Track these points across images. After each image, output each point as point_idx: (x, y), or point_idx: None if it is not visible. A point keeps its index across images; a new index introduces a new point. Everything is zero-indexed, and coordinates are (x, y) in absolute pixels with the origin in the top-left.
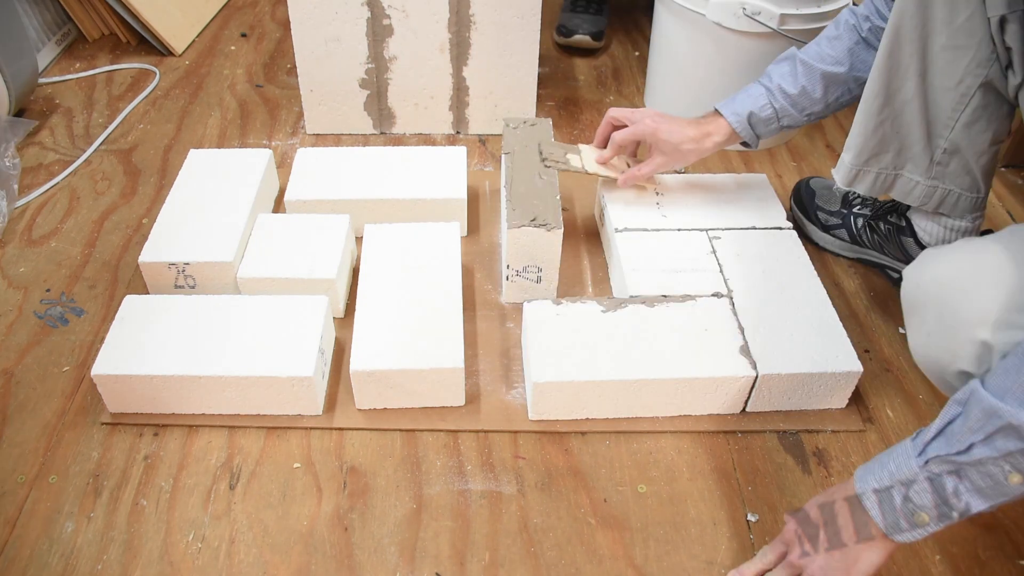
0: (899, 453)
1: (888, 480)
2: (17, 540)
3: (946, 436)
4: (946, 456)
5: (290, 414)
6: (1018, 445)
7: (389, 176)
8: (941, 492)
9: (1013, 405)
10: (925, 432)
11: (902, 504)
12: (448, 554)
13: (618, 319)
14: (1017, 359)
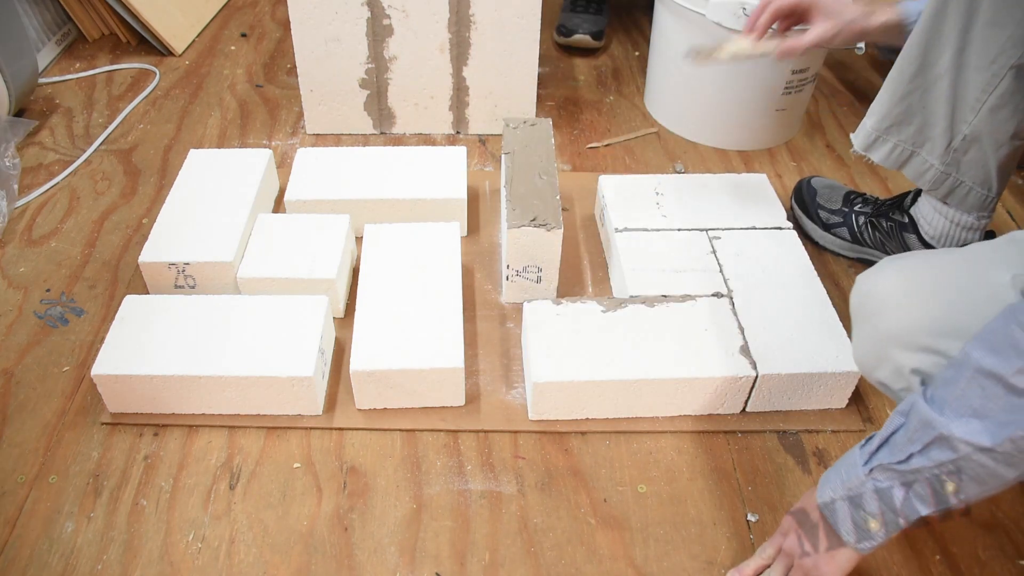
0: (849, 462)
1: (841, 489)
2: (17, 540)
3: (889, 446)
4: (889, 465)
5: (290, 414)
6: (949, 456)
7: (389, 176)
8: (887, 500)
9: (948, 416)
10: (872, 441)
11: (853, 512)
12: (448, 554)
13: (618, 319)
14: (954, 371)
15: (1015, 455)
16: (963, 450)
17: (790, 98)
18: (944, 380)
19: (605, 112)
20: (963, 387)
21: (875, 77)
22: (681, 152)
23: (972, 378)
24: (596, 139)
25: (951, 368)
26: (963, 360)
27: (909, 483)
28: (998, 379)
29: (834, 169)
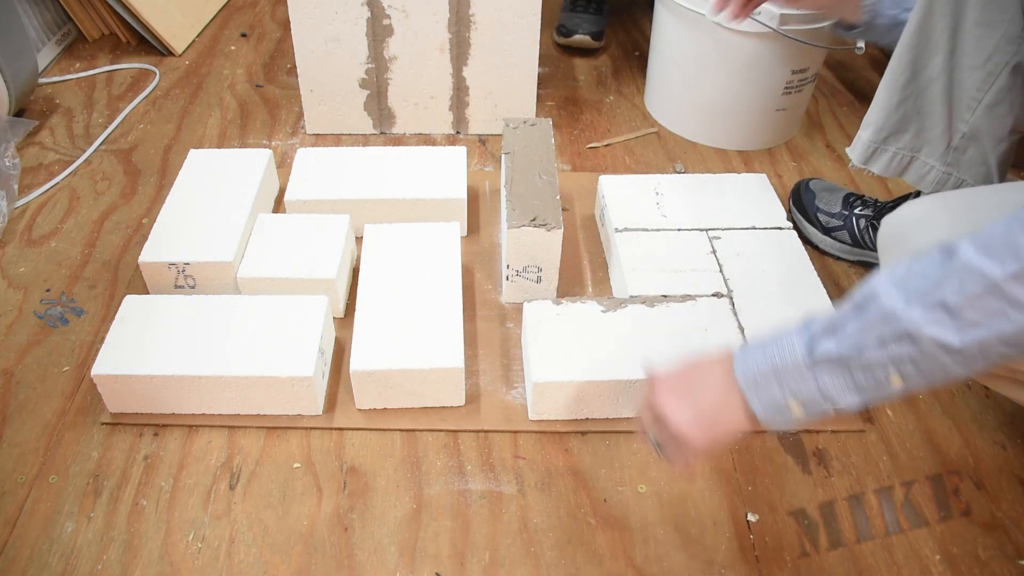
0: (784, 344)
1: (768, 369)
2: (17, 540)
3: (839, 336)
4: (836, 355)
5: (290, 414)
6: (909, 351)
7: (389, 176)
8: (824, 386)
9: (915, 309)
10: (813, 326)
11: (776, 392)
12: (448, 554)
13: (618, 319)
14: (931, 264)
15: (978, 358)
16: (927, 348)
17: (790, 98)
18: (915, 272)
19: (605, 112)
20: (940, 280)
21: (875, 77)
22: (681, 152)
23: (954, 273)
24: (596, 139)
25: (926, 260)
26: (946, 254)
27: (852, 373)
28: (985, 279)
29: (834, 169)
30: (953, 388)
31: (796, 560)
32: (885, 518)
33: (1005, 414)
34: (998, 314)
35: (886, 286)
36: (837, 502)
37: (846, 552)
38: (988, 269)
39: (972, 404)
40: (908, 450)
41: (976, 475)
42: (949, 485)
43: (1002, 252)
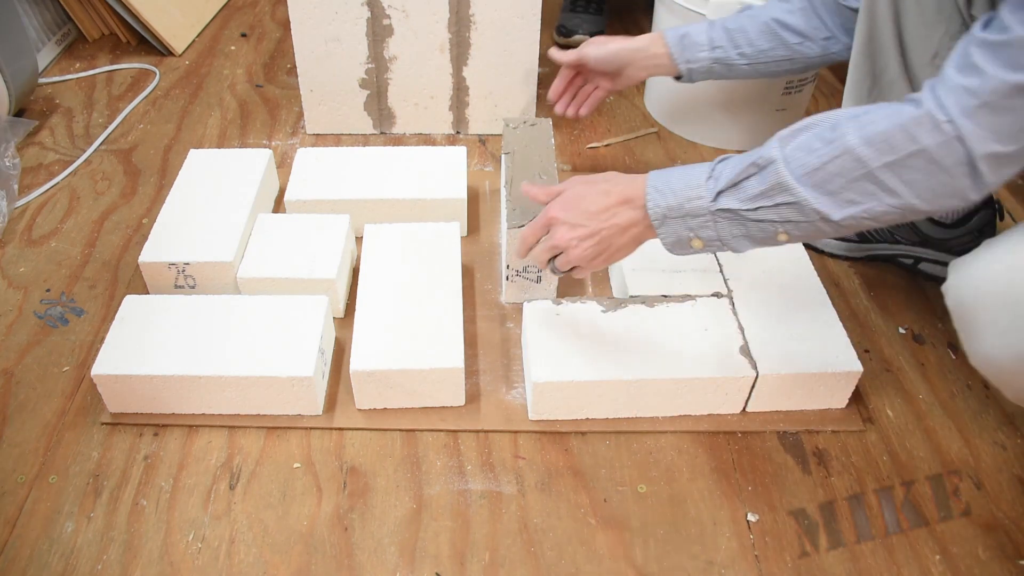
0: (692, 186)
1: (676, 208)
2: (17, 540)
3: (739, 191)
4: (736, 209)
5: (290, 414)
6: (797, 216)
7: (389, 176)
8: (722, 231)
9: (804, 185)
10: (720, 179)
11: (681, 229)
12: (448, 554)
13: (618, 319)
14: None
15: (849, 227)
16: (810, 216)
17: (790, 98)
18: (809, 148)
19: (605, 112)
20: (827, 161)
21: None
22: (681, 152)
23: (839, 158)
24: (596, 139)
25: (818, 140)
26: (835, 140)
27: (747, 226)
28: (865, 167)
29: None
30: (953, 388)
31: (796, 560)
32: (885, 518)
33: (1005, 414)
34: (871, 196)
35: (783, 158)
36: (837, 502)
37: (846, 552)
38: (868, 158)
39: (972, 404)
40: (908, 450)
41: (976, 475)
42: (949, 485)
43: (881, 146)
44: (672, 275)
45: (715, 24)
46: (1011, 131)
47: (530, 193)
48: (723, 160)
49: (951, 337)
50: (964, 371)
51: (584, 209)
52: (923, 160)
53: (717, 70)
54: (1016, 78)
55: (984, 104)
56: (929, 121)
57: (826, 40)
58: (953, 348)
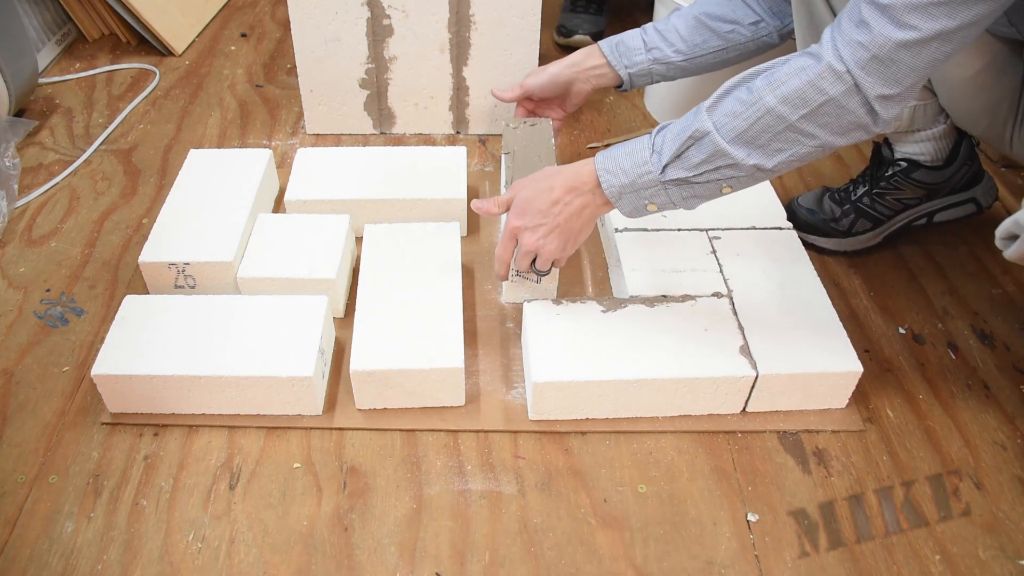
0: (638, 162)
1: (628, 184)
2: (17, 540)
3: (683, 162)
4: (683, 177)
5: (290, 414)
6: (737, 173)
7: (389, 176)
8: (673, 196)
9: (737, 146)
10: (664, 153)
11: (638, 200)
12: (448, 554)
13: (618, 319)
14: (743, 108)
15: (782, 169)
16: (748, 170)
17: None
18: (734, 113)
19: (605, 112)
20: (751, 124)
21: None
22: None
23: (762, 118)
24: (596, 139)
25: (740, 104)
26: (754, 102)
27: (693, 187)
28: (785, 121)
29: (834, 169)
30: (953, 388)
31: (796, 560)
32: (885, 518)
33: (1005, 414)
34: (795, 142)
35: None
36: (837, 502)
37: (846, 552)
38: (787, 114)
39: (972, 404)
40: (908, 450)
41: (976, 475)
42: (949, 485)
43: (796, 101)
44: (672, 275)
45: (646, 28)
46: (895, 77)
47: (482, 209)
48: (659, 132)
49: (951, 337)
50: (964, 371)
51: (536, 210)
52: (832, 107)
53: (657, 70)
54: (899, 35)
55: (873, 57)
56: (831, 73)
57: (755, 25)
58: (953, 348)
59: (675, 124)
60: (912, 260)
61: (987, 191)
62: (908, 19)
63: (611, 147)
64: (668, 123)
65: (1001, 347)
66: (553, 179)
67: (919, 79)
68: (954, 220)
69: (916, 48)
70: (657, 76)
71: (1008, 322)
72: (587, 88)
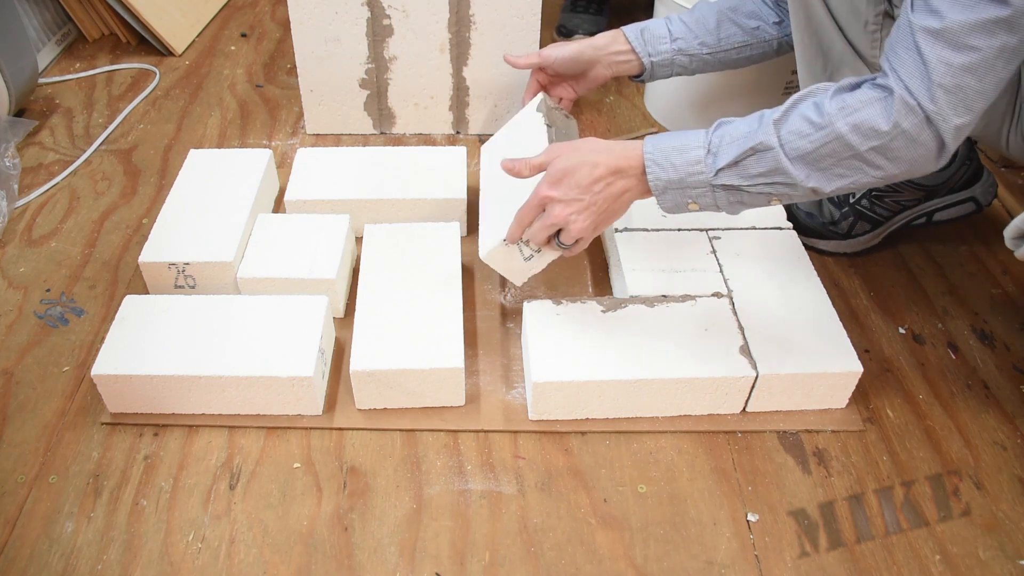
0: (691, 161)
1: (677, 180)
2: (17, 540)
3: (740, 169)
4: (736, 184)
5: (290, 414)
6: (792, 191)
7: (389, 176)
8: (719, 200)
9: (799, 167)
10: (720, 157)
11: (679, 196)
12: (448, 554)
13: (618, 319)
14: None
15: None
16: (804, 190)
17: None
18: (801, 133)
19: (605, 112)
20: (818, 147)
21: None
22: None
23: (830, 143)
24: None
25: (808, 125)
26: (825, 125)
27: (742, 195)
28: (853, 149)
29: None
30: (953, 388)
31: (796, 560)
32: (885, 518)
33: (1005, 414)
34: (859, 171)
35: (780, 143)
36: (837, 502)
37: (846, 552)
38: (857, 144)
39: (972, 404)
40: (908, 450)
41: (976, 475)
42: (949, 485)
43: (868, 132)
44: (672, 275)
45: (671, 18)
46: (965, 104)
47: (513, 170)
48: (717, 130)
49: (951, 337)
50: (964, 371)
51: (576, 183)
52: (903, 140)
53: (680, 61)
54: (961, 59)
55: (939, 86)
56: (904, 106)
57: (778, 24)
58: (953, 348)
59: (735, 126)
60: (912, 260)
61: (986, 189)
62: (967, 40)
63: (661, 136)
64: (726, 122)
65: (1001, 347)
66: (599, 155)
67: (987, 103)
68: (954, 219)
69: (981, 71)
70: (679, 68)
71: (1008, 322)
72: (607, 74)
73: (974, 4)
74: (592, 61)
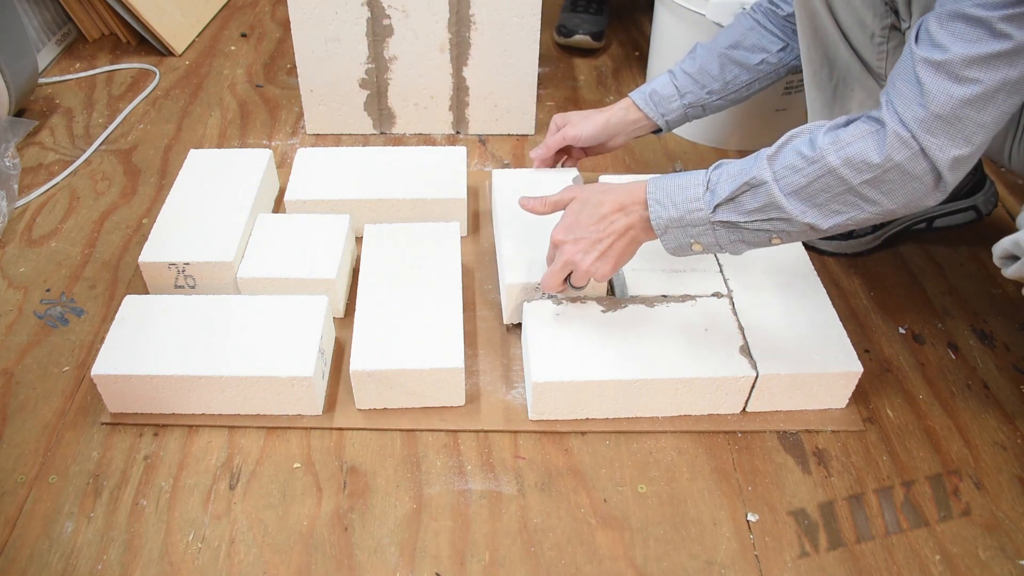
0: (693, 202)
1: (676, 220)
2: (17, 540)
3: (736, 205)
4: (733, 221)
5: (290, 414)
6: (789, 228)
7: (389, 176)
8: (720, 238)
9: (793, 203)
10: (718, 193)
11: (682, 236)
12: (448, 554)
13: (618, 319)
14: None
15: (834, 231)
16: (800, 227)
17: (790, 98)
18: (795, 168)
19: None
20: (812, 181)
21: None
22: (681, 152)
23: (822, 177)
24: None
25: (801, 159)
26: (817, 159)
27: (743, 233)
28: (846, 184)
29: None
30: (953, 388)
31: (796, 560)
32: (885, 518)
33: (1005, 414)
34: (854, 206)
35: (774, 178)
36: (837, 502)
37: (846, 552)
38: (849, 177)
39: (972, 404)
40: (908, 450)
41: (976, 475)
42: (949, 485)
43: (860, 165)
44: (672, 275)
45: (675, 72)
46: (965, 136)
47: (528, 206)
48: (716, 169)
49: (951, 337)
50: (964, 371)
51: (583, 224)
52: (897, 173)
53: (692, 113)
54: (961, 91)
55: (937, 117)
56: (896, 139)
57: (781, 52)
58: (953, 348)
59: (733, 164)
60: (912, 260)
61: (988, 199)
62: (967, 73)
63: (664, 177)
64: (725, 161)
65: (1001, 347)
66: (605, 194)
67: (988, 136)
68: (954, 226)
69: (981, 103)
70: (693, 116)
71: (1008, 322)
72: (625, 140)
73: (976, 38)
74: (612, 135)
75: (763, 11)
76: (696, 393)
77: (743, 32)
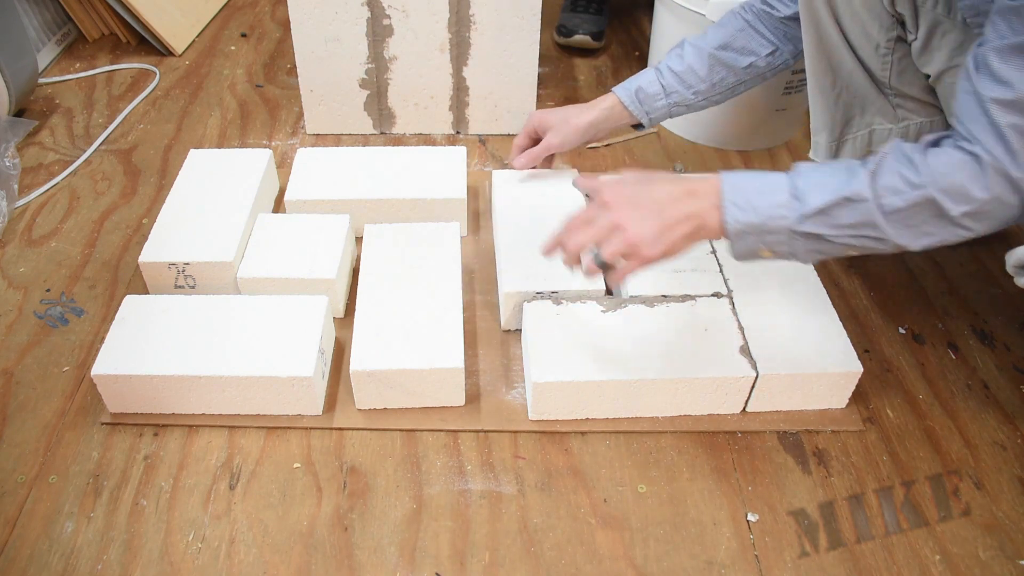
0: (775, 204)
1: (756, 222)
2: (17, 540)
3: (828, 218)
4: (819, 233)
5: (290, 414)
6: (879, 246)
7: (389, 176)
8: (797, 247)
9: (891, 223)
10: (807, 203)
11: (755, 240)
12: (448, 554)
13: (618, 319)
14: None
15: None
16: (890, 246)
17: (790, 98)
18: (895, 190)
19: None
20: (911, 205)
21: None
22: (681, 152)
23: (922, 203)
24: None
25: (902, 181)
26: (920, 185)
27: (822, 244)
28: (944, 212)
29: None
30: (953, 388)
31: (796, 560)
32: (885, 518)
33: (1005, 414)
34: (947, 230)
35: (874, 197)
36: (837, 502)
37: (846, 552)
38: (949, 208)
39: (972, 404)
40: (908, 450)
41: (976, 475)
42: (949, 485)
43: (958, 197)
44: (672, 275)
45: (662, 71)
46: None
47: (582, 184)
48: (805, 176)
49: (951, 337)
50: (964, 371)
51: (644, 193)
52: (995, 204)
53: (677, 111)
54: None
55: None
56: (996, 174)
57: (771, 55)
58: (953, 348)
59: (823, 173)
60: (912, 260)
61: None
62: None
63: (738, 176)
64: (809, 167)
65: (1001, 347)
66: (674, 182)
67: None
68: None
69: None
70: (676, 114)
71: (1008, 322)
72: (607, 135)
73: None
74: (595, 135)
75: (755, 12)
76: (696, 393)
77: (733, 33)
